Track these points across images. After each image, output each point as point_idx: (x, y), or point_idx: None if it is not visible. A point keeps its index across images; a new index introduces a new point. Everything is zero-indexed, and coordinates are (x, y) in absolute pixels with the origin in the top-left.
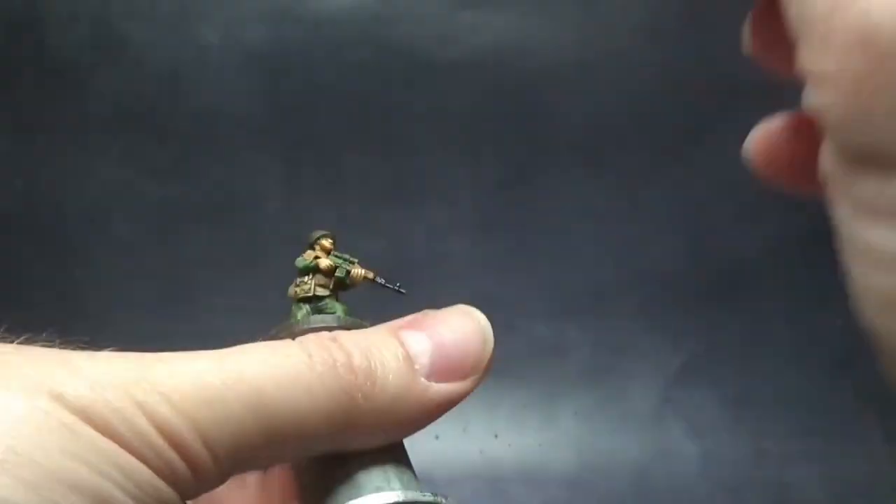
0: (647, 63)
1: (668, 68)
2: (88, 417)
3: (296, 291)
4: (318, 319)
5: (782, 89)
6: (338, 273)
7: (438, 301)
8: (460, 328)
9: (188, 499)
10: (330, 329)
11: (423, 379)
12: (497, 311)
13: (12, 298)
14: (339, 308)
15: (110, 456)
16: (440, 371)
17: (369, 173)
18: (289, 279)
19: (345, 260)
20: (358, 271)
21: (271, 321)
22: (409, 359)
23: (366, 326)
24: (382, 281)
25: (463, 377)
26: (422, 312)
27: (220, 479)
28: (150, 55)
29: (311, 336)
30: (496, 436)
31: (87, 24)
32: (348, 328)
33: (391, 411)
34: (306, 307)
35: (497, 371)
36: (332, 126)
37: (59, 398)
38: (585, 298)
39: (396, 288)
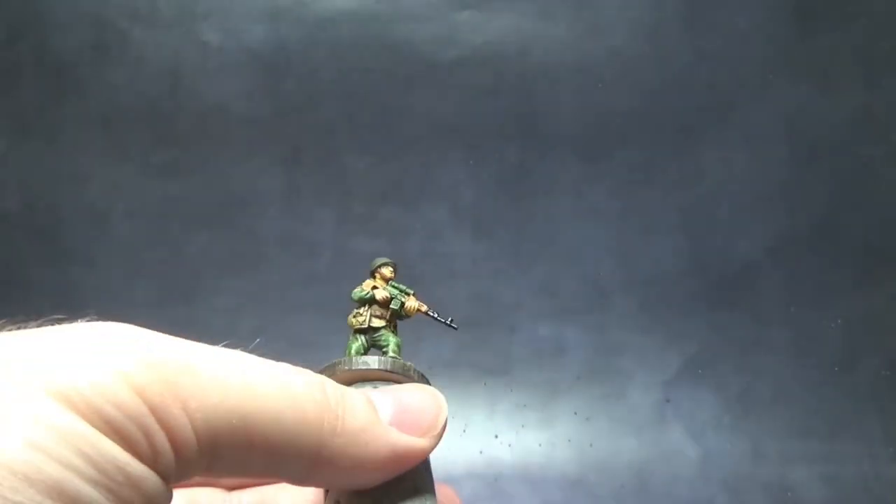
0: (647, 63)
1: (667, 68)
2: (61, 395)
3: (352, 322)
4: (363, 361)
5: (781, 90)
6: (392, 305)
7: (438, 300)
8: (418, 395)
9: (168, 475)
10: (371, 375)
11: (386, 423)
12: (497, 310)
13: (12, 298)
14: (392, 341)
15: (74, 437)
16: (400, 422)
17: (369, 173)
18: (288, 279)
19: (401, 291)
20: (412, 304)
21: (271, 321)
22: (373, 404)
23: (411, 368)
24: (435, 315)
25: (420, 433)
26: (382, 384)
27: (199, 460)
28: (150, 55)
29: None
30: (496, 436)
31: (87, 24)
32: (393, 372)
33: (359, 441)
34: (362, 338)
35: (497, 371)
36: (332, 126)
37: (30, 378)
38: (585, 298)
39: (448, 323)
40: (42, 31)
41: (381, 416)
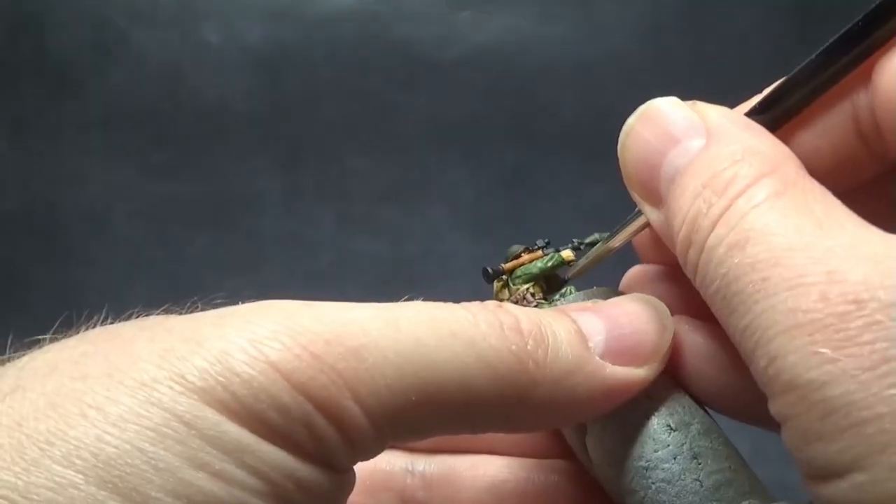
0: (647, 63)
1: (667, 68)
2: (214, 398)
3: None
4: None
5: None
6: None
7: (439, 300)
8: (635, 312)
9: (343, 468)
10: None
11: (597, 357)
12: None
13: (13, 299)
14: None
15: (235, 450)
16: (615, 353)
17: (369, 173)
18: (288, 279)
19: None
20: (567, 253)
21: None
22: (581, 334)
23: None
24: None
25: (639, 363)
26: (591, 302)
27: (380, 442)
28: (150, 55)
29: (475, 303)
30: None
31: (87, 24)
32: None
33: (565, 385)
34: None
35: None
36: (332, 126)
37: (179, 380)
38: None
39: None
40: (42, 31)
41: (591, 346)
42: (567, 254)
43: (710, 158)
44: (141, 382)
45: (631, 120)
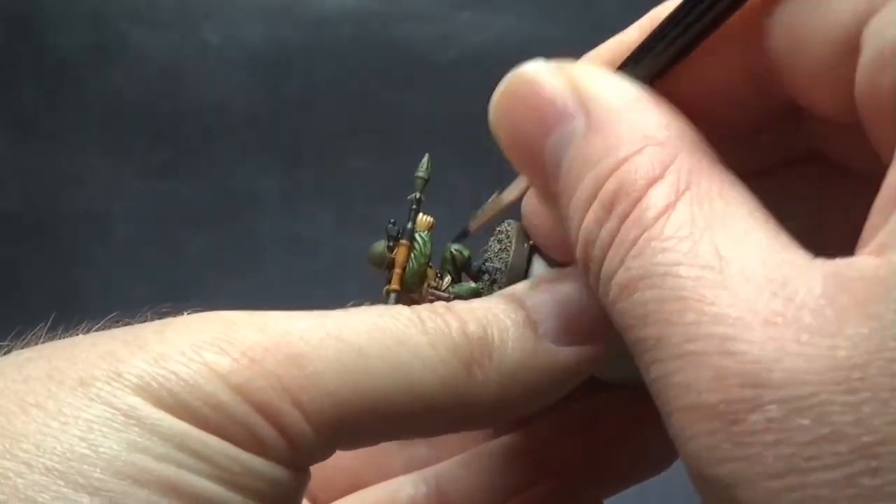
0: None
1: None
2: (151, 394)
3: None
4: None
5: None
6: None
7: None
8: (579, 287)
9: (291, 467)
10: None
11: (549, 344)
12: None
13: (11, 299)
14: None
15: (176, 436)
16: (570, 333)
17: (369, 173)
18: (288, 279)
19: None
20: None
21: None
22: (530, 323)
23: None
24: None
25: (598, 339)
26: (552, 271)
27: (324, 448)
28: (150, 55)
29: (423, 305)
30: None
31: (87, 24)
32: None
33: (515, 382)
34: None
35: None
36: (332, 126)
37: (118, 378)
38: None
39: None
40: (42, 31)
41: (542, 332)
42: (425, 222)
43: (592, 155)
44: (80, 380)
45: (496, 96)
